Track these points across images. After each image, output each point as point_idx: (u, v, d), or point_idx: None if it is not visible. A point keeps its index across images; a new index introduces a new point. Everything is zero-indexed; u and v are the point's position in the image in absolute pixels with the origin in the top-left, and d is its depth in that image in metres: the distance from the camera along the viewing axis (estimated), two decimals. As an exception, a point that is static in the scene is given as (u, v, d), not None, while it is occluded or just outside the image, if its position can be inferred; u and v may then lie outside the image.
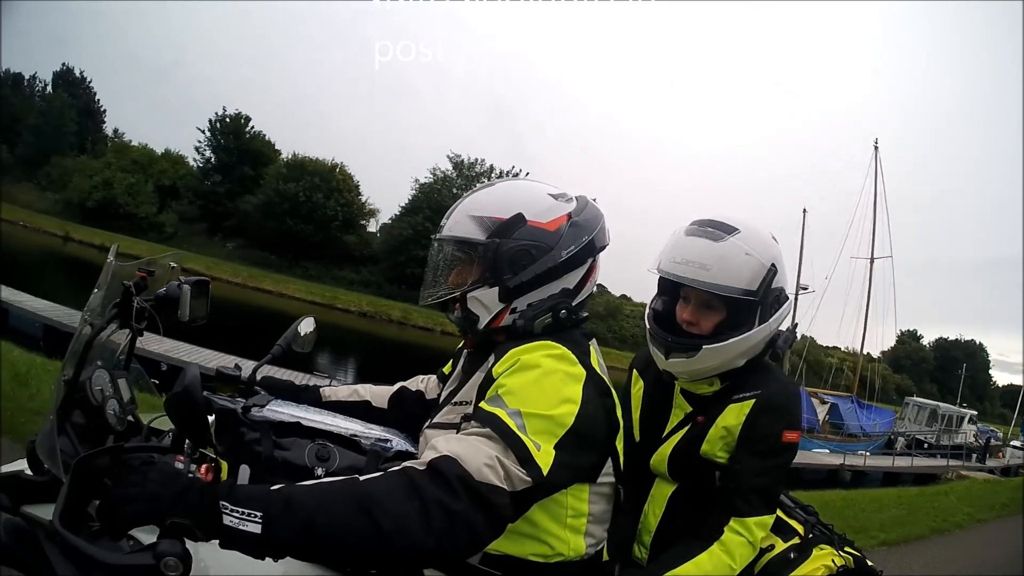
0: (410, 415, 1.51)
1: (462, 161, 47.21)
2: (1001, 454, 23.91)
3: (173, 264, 1.47)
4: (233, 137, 46.39)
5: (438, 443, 0.97)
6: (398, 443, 1.30)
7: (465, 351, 1.39)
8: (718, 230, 1.42)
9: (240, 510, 0.83)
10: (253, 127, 47.87)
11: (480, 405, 1.07)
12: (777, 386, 1.44)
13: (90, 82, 53.95)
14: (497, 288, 1.22)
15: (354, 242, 46.37)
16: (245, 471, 1.19)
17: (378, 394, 1.62)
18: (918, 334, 74.22)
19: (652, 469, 1.52)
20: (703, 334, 1.43)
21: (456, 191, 42.06)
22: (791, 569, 1.43)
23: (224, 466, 1.21)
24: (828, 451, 17.36)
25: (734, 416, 1.41)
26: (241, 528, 0.82)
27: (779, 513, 1.51)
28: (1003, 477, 17.66)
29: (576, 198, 1.33)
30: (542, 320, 1.22)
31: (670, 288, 1.52)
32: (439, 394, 1.45)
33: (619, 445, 1.27)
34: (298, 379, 1.68)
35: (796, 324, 1.55)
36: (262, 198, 43.33)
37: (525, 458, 0.97)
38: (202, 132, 47.19)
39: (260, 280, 37.10)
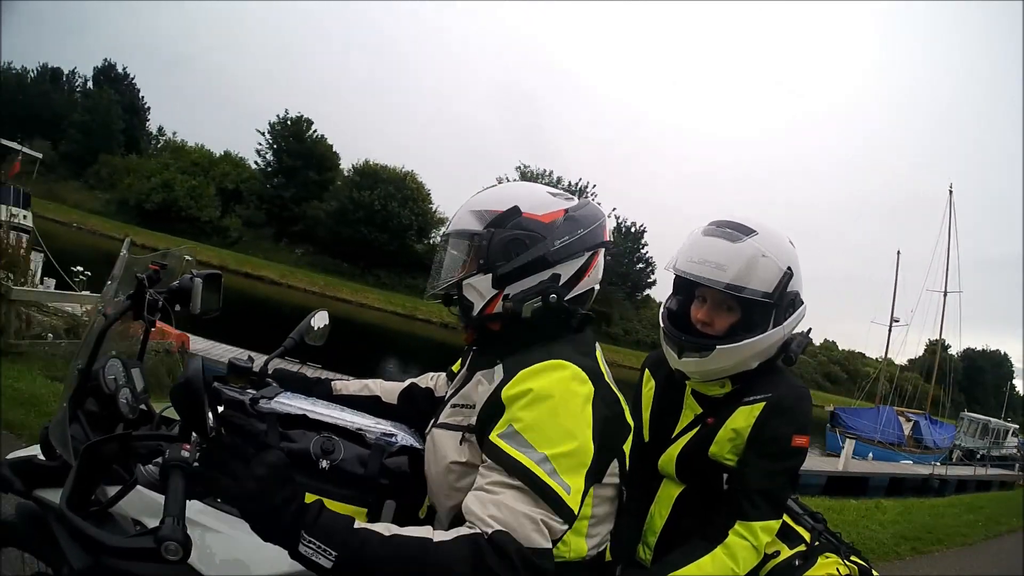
0: (419, 412, 1.52)
1: (530, 171, 47.47)
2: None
3: (188, 257, 1.50)
4: (295, 140, 45.35)
5: (478, 508, 1.01)
6: (403, 438, 1.31)
7: (472, 350, 1.39)
8: (736, 231, 1.41)
9: (317, 543, 0.93)
10: (316, 130, 46.70)
11: (497, 441, 1.07)
12: (788, 390, 1.42)
13: (133, 78, 51.72)
14: (490, 275, 1.23)
15: (424, 251, 44.29)
16: None
17: (388, 390, 1.63)
18: (945, 343, 74.88)
19: (660, 470, 1.51)
20: (717, 335, 1.41)
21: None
22: None
23: None
24: (912, 462, 18.88)
25: (744, 419, 1.40)
26: (313, 559, 0.93)
27: (786, 519, 1.49)
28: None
29: (579, 199, 1.34)
30: (531, 303, 1.22)
31: (686, 287, 1.51)
32: (447, 392, 1.46)
33: (626, 447, 1.27)
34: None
35: (810, 329, 1.53)
36: (335, 205, 42.72)
37: (559, 506, 1.03)
38: (261, 134, 46.18)
39: (338, 289, 36.15)
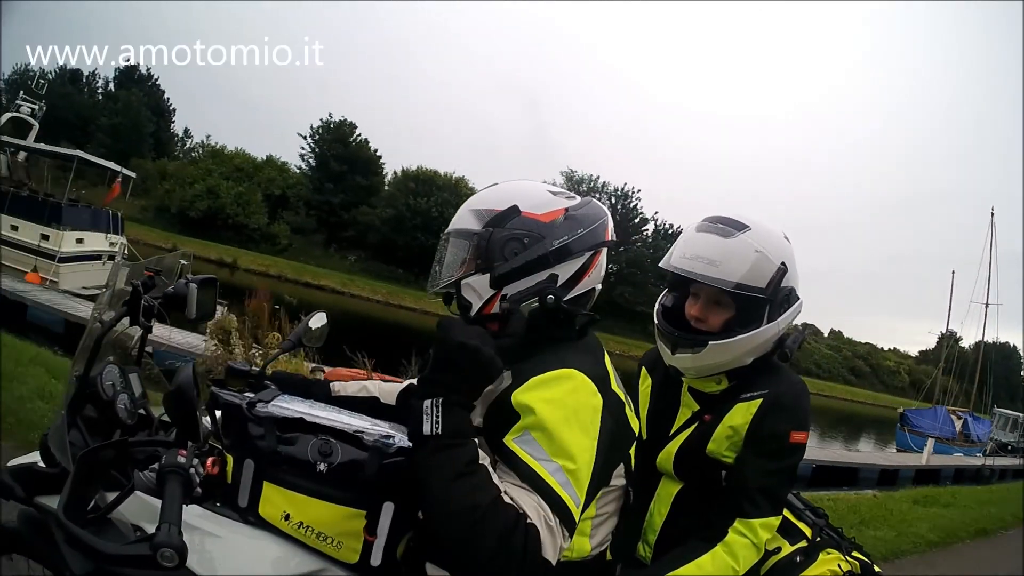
0: None
1: (574, 174, 47.59)
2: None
3: (184, 261, 1.50)
4: (340, 145, 44.20)
5: (519, 497, 1.05)
6: (401, 439, 1.31)
7: None
8: (729, 227, 1.40)
9: (436, 417, 1.04)
10: (360, 135, 45.49)
11: (512, 446, 1.09)
12: (786, 386, 1.42)
13: (157, 79, 48.91)
14: (488, 275, 1.23)
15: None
16: (250, 465, 1.20)
17: (387, 390, 1.63)
18: (957, 336, 76.30)
19: (658, 467, 1.51)
20: (711, 331, 1.41)
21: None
22: (797, 573, 1.41)
23: (230, 459, 1.23)
24: (962, 455, 21.58)
25: (741, 415, 1.40)
26: (424, 418, 1.04)
27: (787, 515, 1.49)
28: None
29: (581, 198, 1.33)
30: (528, 304, 1.22)
31: (681, 284, 1.50)
32: None
33: (631, 451, 1.28)
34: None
35: (806, 324, 1.52)
36: (391, 212, 41.77)
37: (567, 518, 1.06)
38: (304, 138, 44.90)
39: (400, 297, 35.49)
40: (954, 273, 32.08)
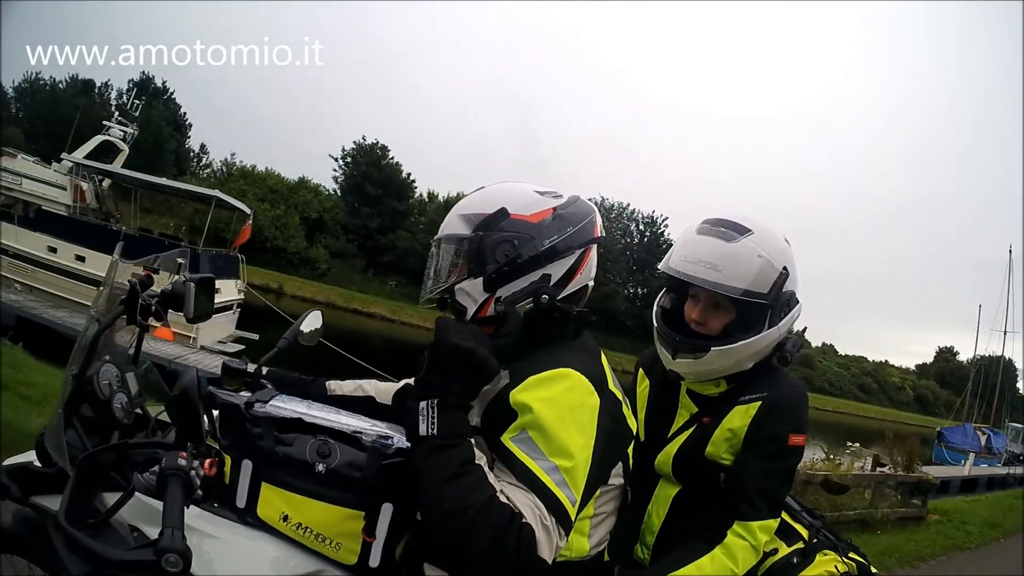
0: None
1: (605, 201, 47.90)
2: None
3: (180, 260, 1.49)
4: (375, 169, 43.02)
5: (514, 496, 1.05)
6: (399, 440, 1.30)
7: None
8: (731, 230, 1.39)
9: (431, 419, 1.04)
10: (392, 157, 44.32)
11: (509, 445, 1.09)
12: (784, 388, 1.42)
13: (173, 93, 46.24)
14: (481, 278, 1.24)
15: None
16: (248, 465, 1.20)
17: (383, 390, 1.63)
18: (954, 350, 79.89)
19: (656, 469, 1.51)
20: (711, 334, 1.41)
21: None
22: (794, 574, 1.42)
23: (228, 460, 1.22)
24: (987, 465, 23.13)
25: (740, 418, 1.40)
26: (419, 419, 1.05)
27: (784, 517, 1.50)
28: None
29: (568, 196, 1.33)
30: (523, 305, 1.22)
31: (680, 286, 1.50)
32: None
33: (629, 450, 1.28)
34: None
35: (805, 328, 1.52)
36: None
37: (563, 518, 1.06)
38: (335, 160, 43.74)
39: None
40: (981, 307, 34.91)
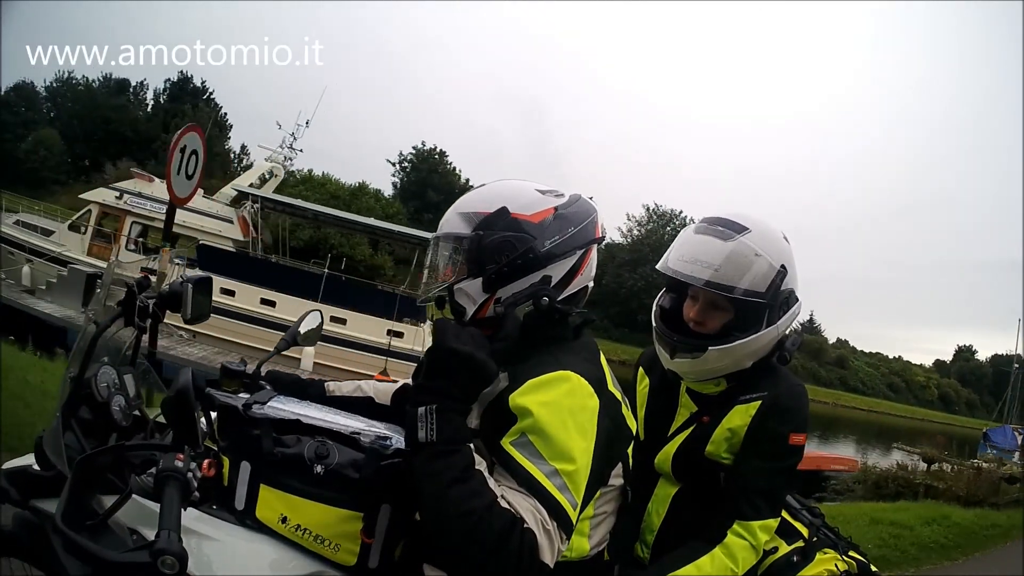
0: None
1: (659, 208, 49.48)
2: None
3: (178, 262, 1.49)
4: (437, 175, 42.50)
5: (515, 500, 1.04)
6: (397, 440, 1.30)
7: None
8: (728, 229, 1.39)
9: (430, 425, 1.03)
10: (451, 163, 43.78)
11: (509, 449, 1.09)
12: (785, 387, 1.41)
13: (212, 93, 44.73)
14: (481, 279, 1.23)
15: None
16: (246, 467, 1.20)
17: (382, 391, 1.62)
18: (973, 349, 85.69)
19: (656, 469, 1.51)
20: (710, 334, 1.40)
21: (655, 238, 45.53)
22: (794, 573, 1.41)
23: (226, 462, 1.22)
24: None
25: (740, 417, 1.39)
26: (418, 425, 1.03)
27: (784, 515, 1.49)
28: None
29: (569, 195, 1.32)
30: (523, 307, 1.22)
31: (678, 286, 1.49)
32: None
33: (628, 450, 1.28)
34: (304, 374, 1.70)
35: (802, 327, 1.51)
36: None
37: (565, 522, 1.06)
38: (392, 164, 43.04)
39: None
40: (1021, 320, 38.36)
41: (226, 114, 45.51)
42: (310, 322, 1.68)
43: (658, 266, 1.47)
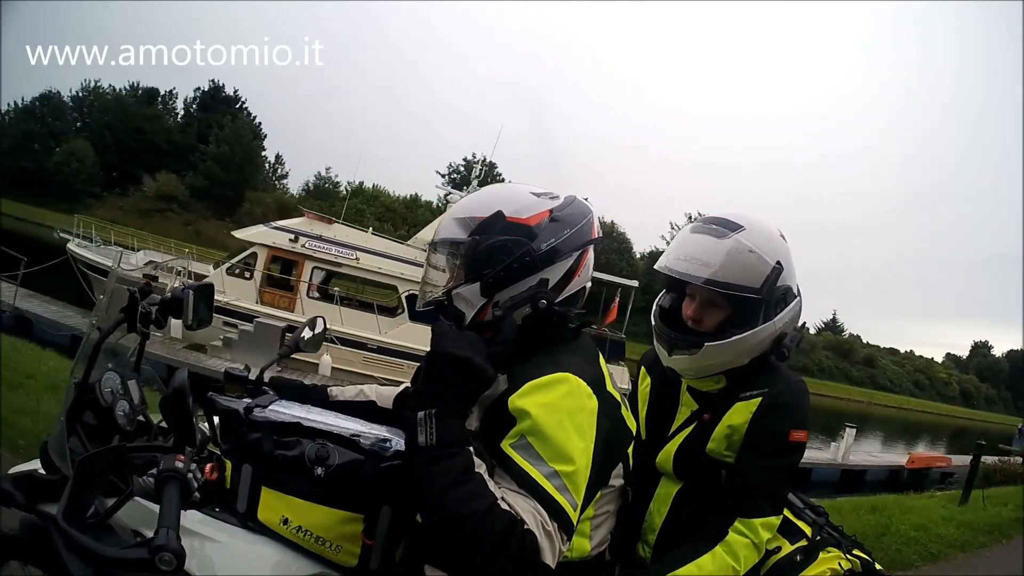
0: None
1: (698, 216, 49.88)
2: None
3: (179, 268, 1.51)
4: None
5: (515, 502, 1.04)
6: (398, 443, 1.31)
7: None
8: (722, 227, 1.40)
9: (429, 429, 1.04)
10: (500, 175, 42.31)
11: (508, 451, 1.09)
12: (785, 385, 1.41)
13: (245, 102, 43.48)
14: (478, 283, 1.23)
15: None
16: (248, 470, 1.21)
17: (384, 394, 1.63)
18: (989, 344, 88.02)
19: (657, 467, 1.50)
20: (707, 331, 1.41)
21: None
22: (797, 572, 1.40)
23: (228, 465, 1.23)
24: None
25: (740, 415, 1.39)
26: (418, 430, 1.04)
27: (787, 514, 1.48)
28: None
29: (564, 197, 1.33)
30: (521, 311, 1.22)
31: (677, 285, 1.50)
32: None
33: (628, 451, 1.28)
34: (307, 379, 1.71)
35: (804, 323, 1.52)
36: None
37: (565, 524, 1.06)
38: (441, 176, 42.37)
39: None
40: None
41: (261, 123, 44.69)
42: (314, 327, 1.70)
43: (656, 266, 1.48)
